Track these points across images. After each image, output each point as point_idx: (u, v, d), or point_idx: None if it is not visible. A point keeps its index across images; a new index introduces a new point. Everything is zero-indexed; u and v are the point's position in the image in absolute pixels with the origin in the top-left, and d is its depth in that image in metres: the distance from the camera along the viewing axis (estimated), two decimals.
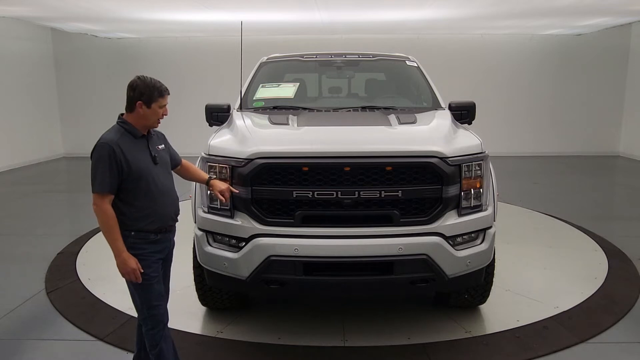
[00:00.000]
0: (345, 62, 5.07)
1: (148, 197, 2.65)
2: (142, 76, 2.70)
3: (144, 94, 2.63)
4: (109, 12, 9.20)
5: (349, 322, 3.81)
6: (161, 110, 2.70)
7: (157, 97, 2.66)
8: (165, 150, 2.87)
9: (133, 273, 2.59)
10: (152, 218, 2.67)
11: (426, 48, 11.63)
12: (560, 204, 7.55)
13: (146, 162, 2.67)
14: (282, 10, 9.15)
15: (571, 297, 4.19)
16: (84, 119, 12.62)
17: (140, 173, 2.62)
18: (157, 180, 2.70)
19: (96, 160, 2.57)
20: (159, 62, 12.55)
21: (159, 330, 2.76)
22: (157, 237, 2.71)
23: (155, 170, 2.70)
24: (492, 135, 8.44)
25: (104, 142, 2.58)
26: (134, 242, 2.64)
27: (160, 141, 2.87)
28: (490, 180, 3.48)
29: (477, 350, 3.45)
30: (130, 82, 2.69)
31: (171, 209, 2.81)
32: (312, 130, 3.57)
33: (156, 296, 2.73)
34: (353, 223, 3.15)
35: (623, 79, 12.21)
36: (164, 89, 2.71)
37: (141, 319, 2.79)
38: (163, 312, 2.78)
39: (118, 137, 2.63)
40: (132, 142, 2.66)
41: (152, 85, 2.65)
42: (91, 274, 4.80)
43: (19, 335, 3.69)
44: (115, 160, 2.54)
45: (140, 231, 2.65)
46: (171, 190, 2.82)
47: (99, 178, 2.54)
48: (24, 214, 7.32)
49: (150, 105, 2.65)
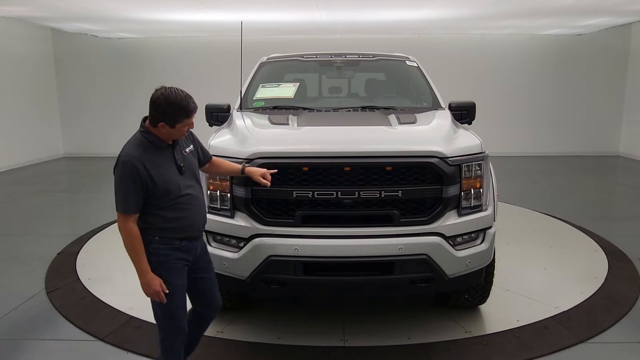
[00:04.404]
0: (345, 62, 5.07)
1: (174, 209, 2.53)
2: (166, 92, 2.44)
3: (167, 117, 2.43)
4: (109, 12, 9.20)
5: (349, 322, 3.81)
6: (186, 127, 2.53)
7: (183, 119, 2.46)
8: (193, 154, 2.71)
9: (157, 295, 2.49)
10: (178, 228, 2.55)
11: (426, 48, 11.62)
12: (560, 204, 7.55)
13: (172, 174, 2.52)
14: (282, 10, 9.14)
15: (571, 297, 4.19)
16: (84, 119, 12.63)
17: (166, 187, 2.48)
18: (184, 191, 2.55)
19: (119, 178, 2.44)
20: (159, 62, 12.55)
21: (177, 338, 2.69)
22: (182, 244, 2.58)
23: (182, 181, 2.55)
24: (492, 135, 8.43)
25: (126, 159, 2.42)
26: (158, 247, 2.53)
27: (188, 142, 2.70)
28: (490, 180, 3.48)
29: (477, 350, 3.45)
30: (153, 96, 2.46)
31: (199, 219, 2.67)
32: (312, 130, 3.57)
33: (178, 305, 2.62)
34: (353, 223, 3.15)
35: (623, 79, 12.20)
36: (191, 108, 2.47)
37: (159, 326, 2.69)
38: (184, 322, 2.69)
39: (141, 151, 2.46)
40: (155, 154, 2.50)
41: (176, 105, 2.42)
42: (91, 274, 4.80)
43: (19, 335, 3.69)
44: (140, 178, 2.40)
45: (165, 237, 2.54)
46: (198, 199, 2.66)
47: (122, 198, 2.43)
48: (24, 214, 7.31)
49: (175, 126, 2.47)
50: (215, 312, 2.90)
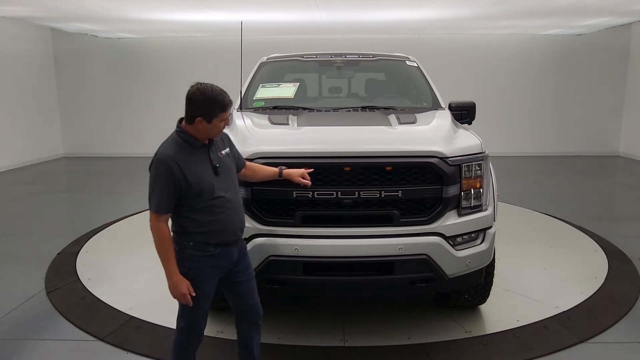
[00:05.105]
0: (345, 62, 5.07)
1: (209, 212, 2.49)
2: (202, 87, 2.46)
3: (204, 111, 2.43)
4: (109, 12, 9.20)
5: (349, 322, 3.81)
6: (222, 123, 2.52)
7: (219, 113, 2.46)
8: (229, 156, 2.68)
9: (184, 297, 2.46)
10: (211, 232, 2.51)
11: (426, 48, 11.62)
12: (560, 204, 7.55)
13: (207, 174, 2.49)
14: (282, 10, 9.14)
15: (571, 297, 4.19)
16: (84, 119, 12.63)
17: (200, 187, 2.45)
18: (219, 193, 2.51)
19: (154, 177, 2.43)
20: (159, 62, 12.56)
21: (191, 343, 2.67)
22: (216, 251, 2.54)
23: (217, 183, 2.51)
24: (492, 135, 8.42)
25: (161, 157, 2.42)
26: (191, 253, 2.50)
27: (225, 145, 2.68)
28: (490, 180, 3.48)
29: (477, 350, 3.45)
30: (189, 92, 2.47)
31: (235, 222, 2.61)
32: (312, 130, 3.57)
33: (201, 312, 2.61)
34: (353, 223, 3.15)
35: (623, 79, 12.20)
36: (227, 102, 2.49)
37: (178, 327, 2.68)
38: (202, 329, 2.68)
39: (176, 150, 2.45)
40: (191, 153, 2.48)
41: (213, 99, 2.44)
42: (91, 274, 4.80)
43: (19, 335, 3.69)
44: (174, 178, 2.39)
45: (199, 243, 2.50)
46: (234, 202, 2.61)
47: (156, 198, 2.42)
48: (24, 214, 7.32)
49: (211, 121, 2.46)
50: (253, 327, 2.81)
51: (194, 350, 2.74)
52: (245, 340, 2.83)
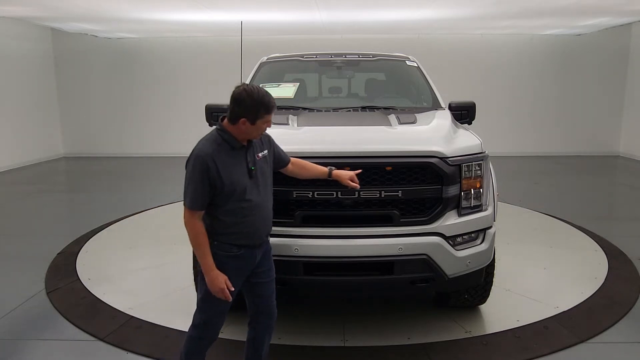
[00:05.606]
0: (345, 62, 5.07)
1: (237, 214, 2.50)
2: (248, 88, 2.46)
3: (249, 112, 2.43)
4: (109, 12, 9.20)
5: (349, 322, 3.81)
6: (265, 125, 2.52)
7: (264, 115, 2.47)
8: (266, 159, 2.66)
9: (222, 292, 2.47)
10: (237, 234, 2.52)
11: (426, 48, 11.63)
12: (560, 204, 7.55)
13: (241, 176, 2.49)
14: (282, 10, 9.15)
15: (571, 297, 4.19)
16: (84, 119, 12.63)
17: (232, 188, 2.45)
18: (250, 196, 2.51)
19: (190, 173, 2.44)
20: (159, 62, 12.55)
21: (204, 341, 2.68)
22: (240, 252, 2.55)
23: (249, 185, 2.51)
24: (492, 135, 8.43)
25: (199, 154, 2.42)
26: (215, 252, 2.50)
27: (264, 147, 2.67)
28: (490, 180, 3.48)
29: (476, 350, 3.45)
30: (235, 93, 2.48)
31: (262, 227, 2.61)
32: (312, 130, 3.57)
33: (219, 310, 2.62)
34: (353, 223, 3.15)
35: (623, 79, 12.20)
36: (272, 104, 2.49)
37: (193, 324, 2.68)
38: (218, 329, 2.70)
39: (214, 148, 2.45)
40: (228, 153, 2.48)
41: (259, 101, 2.44)
42: (91, 274, 4.80)
43: (19, 335, 3.69)
44: (209, 176, 2.40)
45: (223, 243, 2.52)
46: (264, 207, 2.60)
47: (190, 194, 2.43)
48: (24, 214, 7.32)
49: (255, 122, 2.47)
50: (266, 329, 2.82)
51: (206, 348, 2.74)
52: (254, 340, 2.84)
